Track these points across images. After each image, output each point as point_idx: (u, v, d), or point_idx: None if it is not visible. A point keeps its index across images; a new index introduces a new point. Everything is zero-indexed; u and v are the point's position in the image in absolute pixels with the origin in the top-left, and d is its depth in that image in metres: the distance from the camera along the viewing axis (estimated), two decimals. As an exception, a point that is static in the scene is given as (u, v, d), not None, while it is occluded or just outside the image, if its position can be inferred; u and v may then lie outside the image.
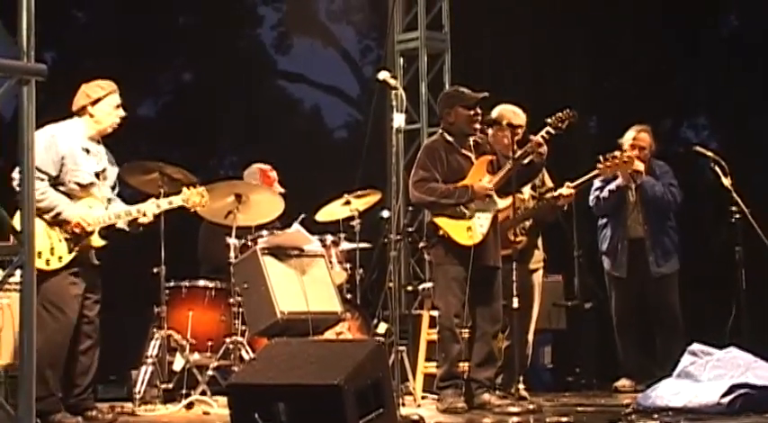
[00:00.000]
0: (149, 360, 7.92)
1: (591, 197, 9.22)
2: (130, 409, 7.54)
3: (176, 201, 7.33)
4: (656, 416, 6.59)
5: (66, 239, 6.87)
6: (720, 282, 9.12)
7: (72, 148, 6.98)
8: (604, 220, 9.30)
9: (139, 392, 7.80)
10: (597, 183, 9.11)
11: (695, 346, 7.23)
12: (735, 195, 8.57)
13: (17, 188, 6.63)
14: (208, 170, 17.61)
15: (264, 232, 8.28)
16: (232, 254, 8.01)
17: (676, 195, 9.08)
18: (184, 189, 7.41)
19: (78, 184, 6.97)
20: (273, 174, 8.93)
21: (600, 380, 9.64)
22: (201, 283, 8.34)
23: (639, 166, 8.97)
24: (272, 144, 17.07)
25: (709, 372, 6.98)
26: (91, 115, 7.13)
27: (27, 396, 4.59)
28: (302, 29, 21.10)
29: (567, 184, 8.25)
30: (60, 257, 6.83)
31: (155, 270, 7.92)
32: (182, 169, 8.03)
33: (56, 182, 6.90)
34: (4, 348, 7.34)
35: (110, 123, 7.19)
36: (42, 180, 6.76)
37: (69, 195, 6.93)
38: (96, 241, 7.01)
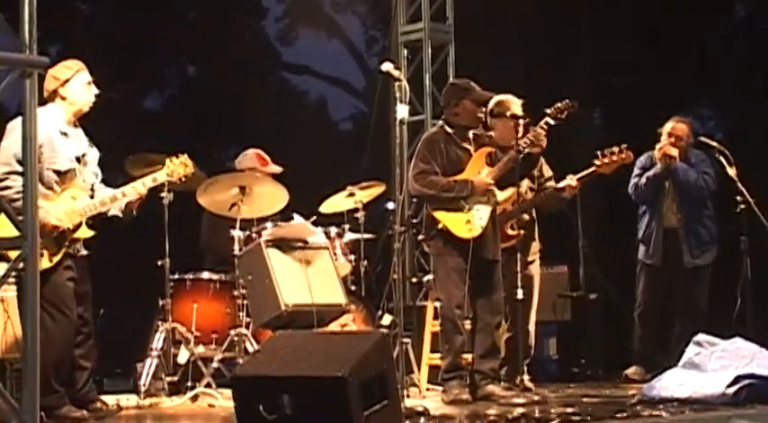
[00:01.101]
0: (154, 353, 7.92)
1: (630, 184, 9.22)
2: (135, 401, 7.56)
3: (160, 176, 7.14)
4: (660, 406, 6.59)
5: (54, 237, 6.66)
6: (725, 271, 9.10)
7: (48, 135, 6.70)
8: (643, 208, 9.28)
9: (144, 385, 7.79)
10: (636, 170, 9.14)
11: (700, 337, 7.25)
12: (740, 185, 8.58)
13: None
14: (213, 162, 17.55)
15: (268, 224, 8.25)
16: (236, 246, 8.00)
17: (709, 182, 9.02)
18: (167, 161, 7.23)
19: (57, 172, 6.73)
20: (267, 157, 8.93)
21: (605, 370, 9.64)
22: (206, 275, 8.32)
23: (673, 151, 8.98)
24: (278, 136, 17.05)
25: (714, 362, 6.99)
26: (63, 98, 6.86)
27: (31, 390, 4.60)
28: (307, 20, 21.09)
29: (571, 176, 8.26)
30: (52, 255, 6.62)
31: (159, 262, 7.92)
32: (186, 161, 8.05)
33: None
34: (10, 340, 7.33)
35: (85, 102, 6.93)
36: (19, 174, 6.59)
37: (50, 188, 6.69)
38: (85, 232, 6.81)
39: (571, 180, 8.26)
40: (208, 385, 7.69)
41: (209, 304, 8.22)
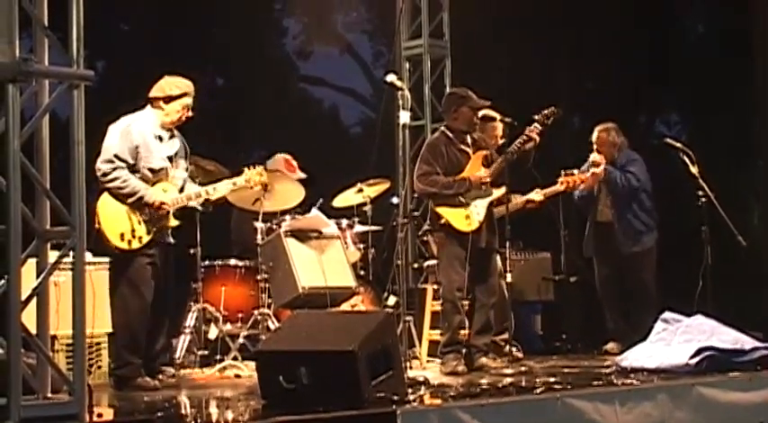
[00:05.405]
0: (188, 330, 7.94)
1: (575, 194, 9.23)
2: (171, 372, 7.56)
3: (239, 181, 7.30)
4: (632, 375, 6.60)
5: (146, 221, 6.77)
6: (689, 257, 9.08)
7: (145, 137, 6.83)
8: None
9: (179, 358, 7.81)
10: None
11: (667, 314, 7.27)
12: (701, 181, 8.56)
13: (101, 178, 6.69)
14: (238, 163, 17.53)
15: (287, 217, 8.28)
16: (259, 236, 8.01)
17: (631, 179, 8.90)
18: (245, 170, 7.37)
19: (151, 170, 6.84)
20: (295, 162, 8.92)
21: (584, 345, 9.61)
22: (232, 262, 8.35)
23: (597, 157, 8.93)
24: (295, 139, 16.96)
25: (679, 336, 7.00)
26: (161, 108, 6.98)
27: (80, 364, 4.62)
28: (321, 38, 21.03)
29: (537, 190, 8.43)
30: (140, 238, 6.73)
31: (191, 251, 7.92)
32: (214, 162, 8.08)
33: (132, 169, 6.77)
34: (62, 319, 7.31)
35: (174, 122, 7.04)
36: (123, 168, 6.70)
37: (144, 180, 6.81)
38: (172, 221, 6.94)
39: (537, 194, 8.43)
40: (234, 358, 7.68)
41: (235, 287, 8.24)
